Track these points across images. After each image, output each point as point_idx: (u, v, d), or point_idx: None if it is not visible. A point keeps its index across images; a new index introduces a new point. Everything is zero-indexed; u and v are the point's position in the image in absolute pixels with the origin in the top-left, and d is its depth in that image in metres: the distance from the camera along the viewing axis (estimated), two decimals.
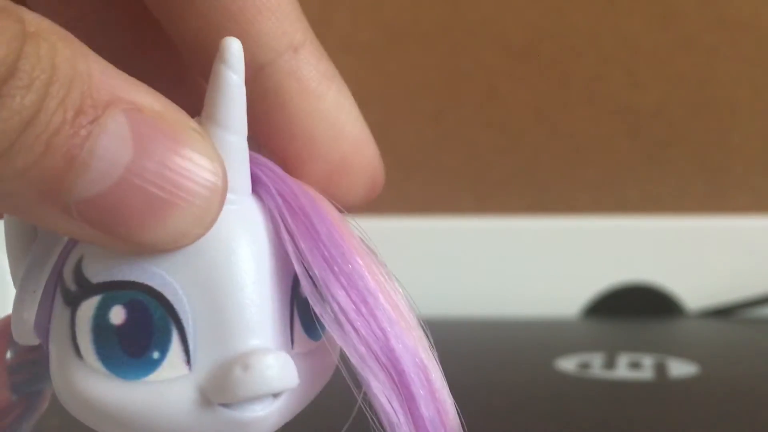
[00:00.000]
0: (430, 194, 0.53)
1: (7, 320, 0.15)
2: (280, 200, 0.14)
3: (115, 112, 0.12)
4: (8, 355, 0.16)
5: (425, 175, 0.53)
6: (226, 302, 0.14)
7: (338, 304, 0.14)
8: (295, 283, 0.15)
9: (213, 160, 0.13)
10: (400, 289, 0.15)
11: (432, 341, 0.15)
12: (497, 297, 0.51)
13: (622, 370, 0.35)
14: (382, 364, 0.14)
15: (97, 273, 0.14)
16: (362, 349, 0.14)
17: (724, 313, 0.49)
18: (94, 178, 0.12)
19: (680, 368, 0.36)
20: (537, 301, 0.51)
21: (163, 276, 0.13)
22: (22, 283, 0.14)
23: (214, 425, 0.14)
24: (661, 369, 0.35)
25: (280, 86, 0.15)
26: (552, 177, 0.53)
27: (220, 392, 0.13)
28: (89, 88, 0.12)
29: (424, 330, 0.15)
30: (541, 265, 0.51)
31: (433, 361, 0.14)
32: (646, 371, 0.35)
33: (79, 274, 0.14)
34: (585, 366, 0.36)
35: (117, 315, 0.13)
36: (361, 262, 0.14)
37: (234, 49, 0.14)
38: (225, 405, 0.14)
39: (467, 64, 0.53)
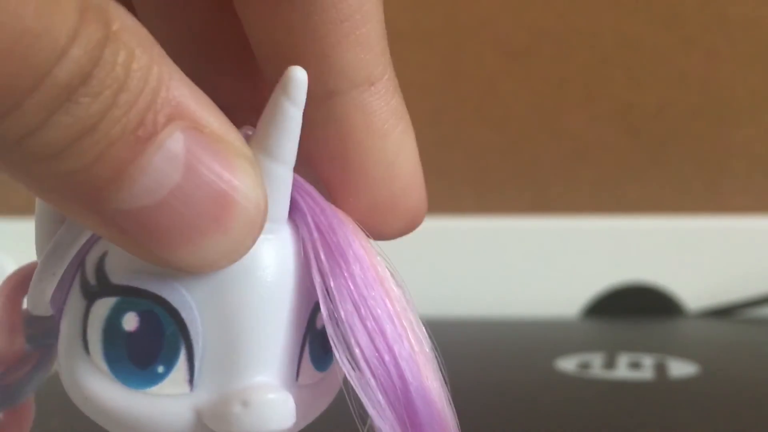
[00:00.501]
0: (430, 194, 0.53)
1: (26, 272, 0.16)
2: (315, 233, 0.14)
3: (173, 130, 0.12)
4: (24, 305, 0.16)
5: (425, 175, 0.53)
6: (240, 332, 0.13)
7: (361, 350, 0.14)
8: (312, 315, 0.14)
9: (258, 195, 0.13)
10: (423, 329, 0.14)
11: (435, 344, 0.15)
12: (497, 297, 0.51)
13: (622, 370, 0.35)
14: (399, 417, 0.14)
15: (117, 274, 0.13)
16: (381, 399, 0.14)
17: (724, 313, 0.49)
18: (138, 193, 0.12)
19: (680, 368, 0.36)
20: (537, 301, 0.51)
21: (183, 293, 0.13)
22: (44, 260, 0.14)
23: None
24: (661, 369, 0.36)
25: (347, 117, 0.15)
26: (552, 177, 0.53)
27: (217, 422, 0.13)
28: (155, 101, 0.12)
29: (438, 362, 0.15)
30: (541, 265, 0.51)
31: (451, 410, 0.14)
32: (646, 371, 0.35)
33: (100, 270, 0.14)
34: (585, 366, 0.36)
35: (130, 322, 0.13)
36: (390, 306, 0.14)
37: (298, 80, 0.13)
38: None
39: (467, 64, 0.53)
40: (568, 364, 0.37)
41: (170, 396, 0.13)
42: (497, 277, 0.51)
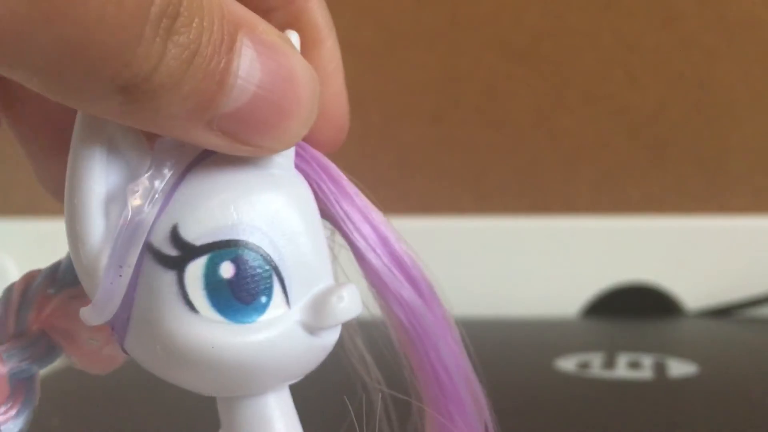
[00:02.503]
0: (430, 194, 0.54)
1: None
2: (322, 174, 0.17)
3: (242, 36, 0.14)
4: None
5: (425, 175, 0.53)
6: (306, 249, 0.16)
7: (363, 237, 0.17)
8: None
9: (309, 66, 0.15)
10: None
11: None
12: (497, 297, 0.51)
13: (622, 370, 0.35)
14: (399, 269, 0.18)
15: (198, 236, 0.15)
16: (380, 263, 0.17)
17: (723, 313, 0.49)
18: (236, 95, 0.14)
19: (679, 368, 0.36)
20: (537, 301, 0.51)
21: (258, 231, 0.16)
22: (115, 260, 0.15)
23: (308, 350, 0.16)
24: (660, 369, 0.36)
25: (289, 26, 0.17)
26: (551, 177, 0.53)
27: (321, 319, 0.16)
28: (224, 19, 0.14)
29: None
30: (540, 265, 0.51)
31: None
32: (646, 371, 0.35)
33: (178, 240, 0.15)
34: (585, 366, 0.36)
35: (227, 270, 0.15)
36: (374, 214, 0.18)
37: (295, 40, 0.16)
38: (316, 333, 0.16)
39: (467, 64, 0.53)
40: (567, 363, 0.37)
41: (277, 317, 0.16)
42: (497, 277, 0.51)
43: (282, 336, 0.16)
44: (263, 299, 0.16)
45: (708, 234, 0.51)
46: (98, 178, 0.15)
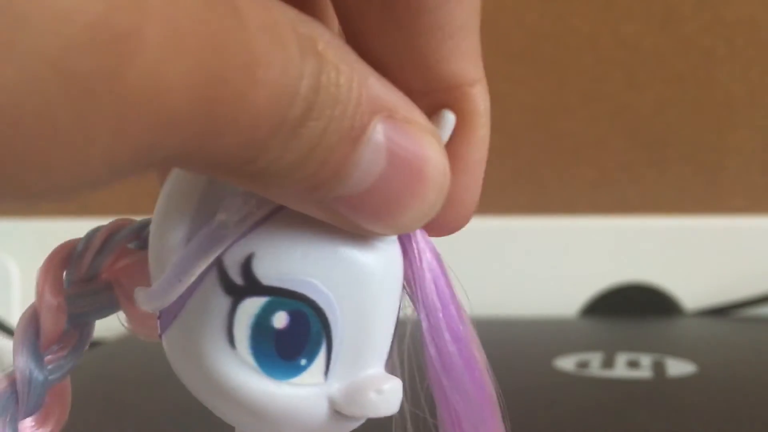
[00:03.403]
0: None
1: (68, 247, 0.16)
2: (417, 252, 0.17)
3: (375, 122, 0.13)
4: (65, 284, 0.16)
5: None
6: (369, 329, 0.15)
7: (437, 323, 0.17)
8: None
9: (444, 163, 0.15)
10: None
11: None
12: (497, 296, 0.51)
13: (621, 369, 0.36)
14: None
15: (268, 276, 0.15)
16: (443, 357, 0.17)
17: (721, 312, 0.49)
18: (352, 184, 0.14)
19: (678, 367, 0.36)
20: (536, 301, 0.51)
21: (329, 296, 0.15)
22: (176, 269, 0.15)
23: (327, 428, 0.16)
24: (659, 368, 0.36)
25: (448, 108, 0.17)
26: (551, 177, 0.53)
27: (351, 407, 0.15)
28: (360, 104, 0.13)
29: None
30: (540, 265, 0.52)
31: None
32: (645, 370, 0.35)
33: (248, 271, 0.15)
34: (584, 365, 0.36)
35: (280, 320, 0.15)
36: (461, 326, 0.17)
37: (449, 122, 0.16)
38: (343, 415, 0.15)
39: None
40: (566, 363, 0.37)
41: (309, 386, 0.15)
42: (497, 277, 0.51)
43: (306, 404, 0.15)
44: (303, 362, 0.15)
45: (707, 234, 0.51)
46: (200, 183, 0.15)
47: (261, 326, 0.15)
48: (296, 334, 0.15)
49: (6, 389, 0.16)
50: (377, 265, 0.15)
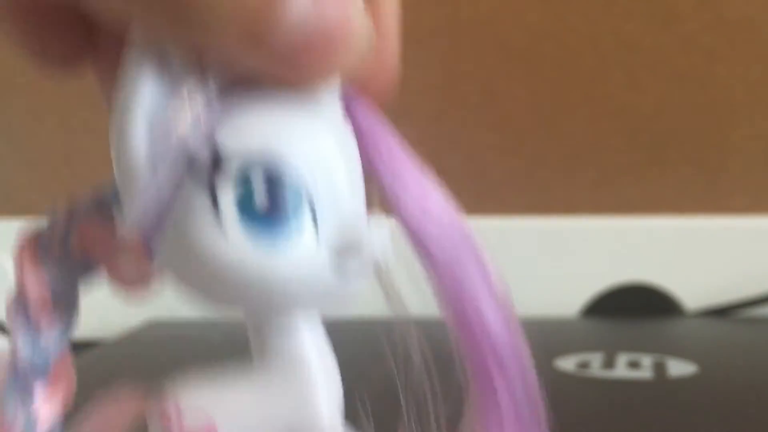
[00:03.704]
0: None
1: (35, 235, 0.17)
2: (369, 122, 0.18)
3: None
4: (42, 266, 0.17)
5: None
6: (341, 182, 0.16)
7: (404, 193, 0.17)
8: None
9: (364, 16, 0.16)
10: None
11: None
12: None
13: (622, 370, 0.36)
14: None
15: (236, 150, 0.15)
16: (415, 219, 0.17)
17: (722, 312, 0.49)
18: (288, 26, 0.14)
19: (679, 368, 0.36)
20: (537, 301, 0.51)
21: (296, 157, 0.15)
22: (152, 162, 0.15)
23: (330, 286, 0.16)
24: (660, 368, 0.36)
25: None
26: (551, 177, 0.53)
27: (347, 245, 0.16)
28: None
29: None
30: (540, 265, 0.51)
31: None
32: (645, 371, 0.35)
33: (216, 148, 0.15)
34: (584, 365, 0.36)
35: (259, 187, 0.15)
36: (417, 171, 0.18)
37: None
38: (342, 266, 0.16)
39: (467, 65, 0.53)
40: (567, 363, 0.37)
41: (303, 245, 0.16)
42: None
43: (307, 262, 0.16)
44: (292, 224, 0.15)
45: (707, 234, 0.51)
46: (148, 85, 0.15)
47: (243, 198, 0.15)
48: (278, 198, 0.15)
49: (11, 372, 0.16)
50: (328, 123, 0.16)
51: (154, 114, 0.15)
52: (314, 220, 0.16)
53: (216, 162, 0.15)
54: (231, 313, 0.17)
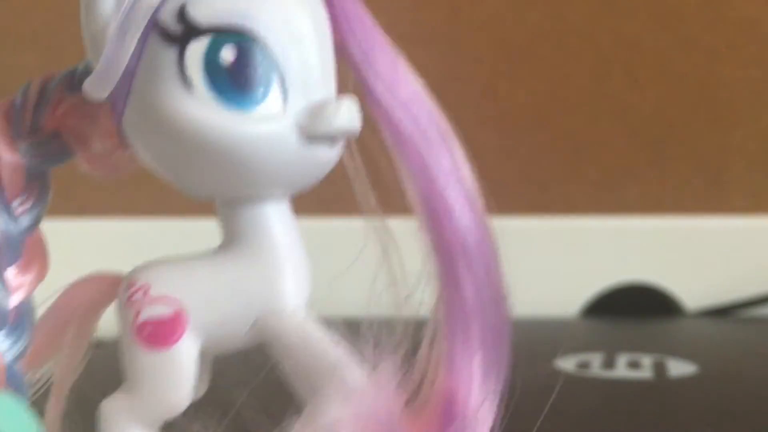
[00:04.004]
0: None
1: (5, 105, 0.17)
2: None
3: None
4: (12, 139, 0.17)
5: None
6: (311, 53, 0.16)
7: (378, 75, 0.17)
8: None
9: None
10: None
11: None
12: None
13: (622, 370, 0.35)
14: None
15: (205, 17, 0.16)
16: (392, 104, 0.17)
17: (722, 312, 0.49)
18: None
19: (679, 368, 0.36)
20: (537, 301, 0.51)
21: (264, 25, 0.16)
22: (120, 29, 0.16)
23: (299, 160, 0.16)
24: (660, 368, 0.36)
25: None
26: (551, 177, 0.53)
27: (316, 121, 0.16)
28: None
29: None
30: (540, 265, 0.51)
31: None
32: (646, 371, 0.35)
33: (184, 18, 0.16)
34: (584, 366, 0.36)
35: (227, 54, 0.16)
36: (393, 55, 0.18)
37: None
38: (310, 141, 0.16)
39: (467, 64, 0.53)
40: (567, 363, 0.37)
41: (271, 114, 0.16)
42: None
43: (274, 133, 0.16)
44: (260, 90, 0.16)
45: (708, 234, 0.51)
46: None
47: (212, 64, 0.15)
48: (247, 65, 0.16)
49: None
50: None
51: None
52: (283, 86, 0.16)
53: (187, 32, 0.16)
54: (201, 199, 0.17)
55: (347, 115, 0.16)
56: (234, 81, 0.16)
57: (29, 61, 0.56)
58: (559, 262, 0.51)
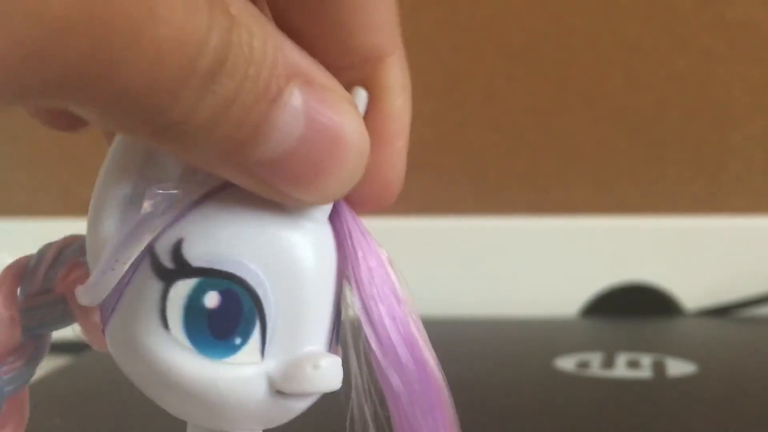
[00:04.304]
0: (430, 194, 0.54)
1: (22, 263, 0.17)
2: (348, 232, 0.16)
3: (293, 88, 0.14)
4: (19, 298, 0.17)
5: (425, 175, 0.54)
6: (302, 307, 0.15)
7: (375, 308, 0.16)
8: (337, 299, 0.17)
9: (362, 128, 0.15)
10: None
11: (435, 343, 0.17)
12: (497, 297, 0.51)
13: (621, 369, 0.36)
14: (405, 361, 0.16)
15: (198, 258, 0.15)
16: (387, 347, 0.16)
17: (721, 312, 0.49)
18: (271, 146, 0.14)
19: (678, 367, 0.36)
20: (536, 301, 0.51)
21: (258, 274, 0.15)
22: (113, 252, 0.15)
23: (270, 409, 0.16)
24: (659, 368, 0.36)
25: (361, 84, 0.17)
26: (551, 177, 0.53)
27: (289, 383, 0.15)
28: (276, 67, 0.13)
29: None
30: (540, 265, 0.51)
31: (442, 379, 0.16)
32: (645, 370, 0.35)
33: (178, 255, 0.15)
34: (584, 365, 0.36)
35: (211, 299, 0.15)
36: (396, 302, 0.16)
37: (362, 99, 0.16)
38: (284, 394, 0.15)
39: (467, 65, 0.53)
40: (567, 363, 0.37)
41: (245, 365, 0.15)
42: (497, 277, 0.51)
43: (244, 383, 0.15)
44: (237, 341, 0.15)
45: (707, 234, 0.51)
46: (132, 170, 0.15)
47: (193, 307, 0.15)
48: (229, 313, 0.15)
49: None
50: (306, 242, 0.16)
51: (128, 206, 0.15)
52: (263, 337, 0.15)
53: (176, 269, 0.15)
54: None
55: (324, 377, 0.15)
56: (212, 329, 0.15)
57: None
58: (559, 262, 0.51)
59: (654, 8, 0.52)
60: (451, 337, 0.42)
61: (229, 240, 0.15)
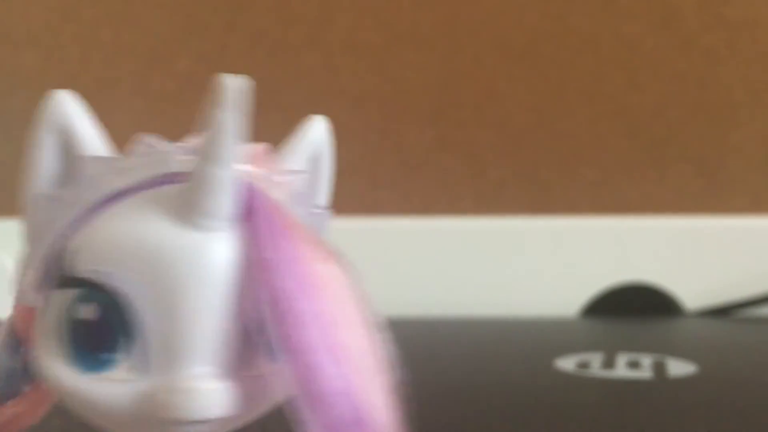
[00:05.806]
0: (430, 194, 0.54)
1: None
2: (267, 236, 0.15)
3: None
4: None
5: (425, 175, 0.53)
6: (182, 324, 0.15)
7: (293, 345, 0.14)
8: (250, 312, 0.15)
9: None
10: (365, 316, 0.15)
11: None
12: (497, 297, 0.51)
13: (621, 370, 0.36)
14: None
15: (84, 268, 0.15)
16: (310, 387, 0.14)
17: (722, 312, 0.49)
18: None
19: (679, 367, 0.36)
20: (536, 301, 0.51)
21: (143, 291, 0.14)
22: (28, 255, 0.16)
23: (147, 428, 0.15)
24: (659, 368, 0.36)
25: None
26: (551, 177, 0.53)
27: (159, 408, 0.15)
28: None
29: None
30: (540, 265, 0.51)
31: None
32: (645, 371, 0.35)
33: (67, 262, 0.15)
34: (584, 365, 0.36)
35: (86, 312, 0.15)
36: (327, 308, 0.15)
37: (230, 89, 0.14)
38: (160, 417, 0.15)
39: (467, 65, 0.53)
40: (567, 363, 0.37)
41: (120, 381, 0.15)
42: (497, 277, 0.51)
43: (114, 401, 0.15)
44: (110, 356, 0.15)
45: (707, 234, 0.51)
46: (47, 162, 0.17)
47: (68, 318, 0.15)
48: (101, 327, 0.15)
49: None
50: (191, 256, 0.15)
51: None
52: (138, 354, 0.15)
53: (63, 276, 0.15)
54: None
55: (196, 405, 0.14)
56: (87, 342, 0.15)
57: (29, 61, 0.56)
58: (559, 262, 0.51)
59: (654, 8, 0.52)
60: (451, 338, 0.42)
61: (116, 252, 0.15)
